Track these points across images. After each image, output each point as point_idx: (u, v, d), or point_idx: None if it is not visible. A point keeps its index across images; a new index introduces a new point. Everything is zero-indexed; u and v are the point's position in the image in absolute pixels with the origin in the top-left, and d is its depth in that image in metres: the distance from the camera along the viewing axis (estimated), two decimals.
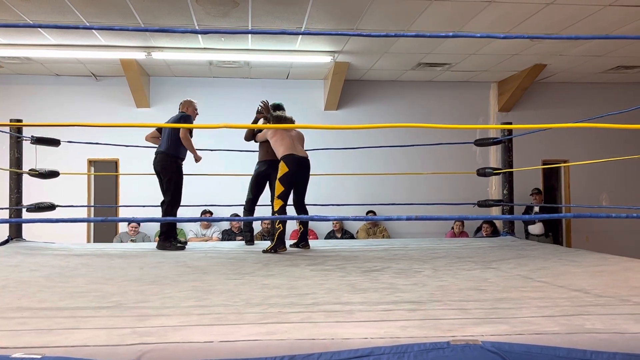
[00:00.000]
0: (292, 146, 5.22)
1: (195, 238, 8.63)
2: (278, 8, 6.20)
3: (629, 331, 2.01)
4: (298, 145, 5.30)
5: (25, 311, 2.46)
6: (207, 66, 8.63)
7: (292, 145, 5.23)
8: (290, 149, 5.20)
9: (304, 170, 5.29)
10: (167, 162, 5.43)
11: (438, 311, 2.39)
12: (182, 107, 5.75)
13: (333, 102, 9.34)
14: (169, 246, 5.30)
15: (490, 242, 5.84)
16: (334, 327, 2.09)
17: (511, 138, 6.22)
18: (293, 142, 5.27)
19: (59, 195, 7.34)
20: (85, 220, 2.98)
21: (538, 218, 2.72)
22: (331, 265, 4.05)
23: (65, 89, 9.07)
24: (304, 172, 5.30)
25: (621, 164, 9.23)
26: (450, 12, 6.31)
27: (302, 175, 5.30)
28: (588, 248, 5.67)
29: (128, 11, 6.22)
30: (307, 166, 5.31)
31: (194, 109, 5.78)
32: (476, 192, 8.98)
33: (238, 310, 2.43)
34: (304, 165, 5.27)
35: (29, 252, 4.98)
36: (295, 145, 5.25)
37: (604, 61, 8.47)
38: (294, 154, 5.18)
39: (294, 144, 5.26)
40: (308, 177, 5.38)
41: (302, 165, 5.24)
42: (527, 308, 2.42)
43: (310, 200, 5.95)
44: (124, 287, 3.10)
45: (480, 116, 9.83)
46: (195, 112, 5.79)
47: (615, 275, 3.41)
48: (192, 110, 5.75)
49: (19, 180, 5.85)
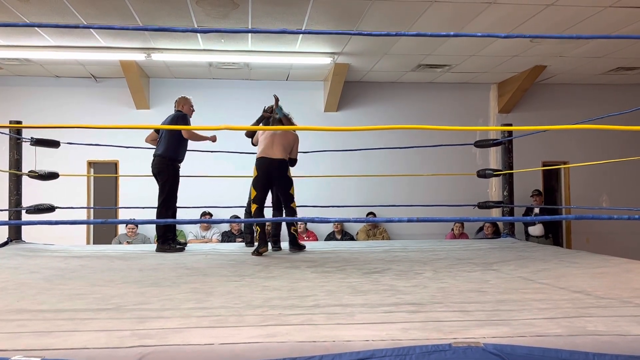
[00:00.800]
0: (267, 148, 5.15)
1: (194, 240, 8.62)
2: (278, 9, 6.19)
3: (632, 333, 2.00)
4: (275, 147, 5.17)
5: (25, 313, 2.45)
6: (206, 67, 8.63)
7: (269, 146, 5.16)
8: (263, 151, 5.16)
9: (272, 172, 5.16)
10: (164, 165, 5.39)
11: (439, 313, 2.39)
12: (178, 105, 5.68)
13: (333, 103, 9.33)
14: (168, 248, 5.28)
15: (490, 243, 5.84)
16: (334, 329, 2.08)
17: (511, 139, 6.21)
18: (272, 143, 5.18)
19: (59, 196, 7.33)
20: (84, 222, 2.97)
21: (539, 220, 2.71)
22: (332, 267, 4.04)
23: (65, 90, 9.06)
24: (272, 174, 5.18)
25: (621, 165, 9.23)
26: (451, 14, 6.31)
27: (271, 177, 5.20)
28: (588, 249, 5.66)
29: (128, 13, 6.22)
30: (276, 167, 5.15)
31: (190, 106, 5.69)
32: (476, 193, 8.97)
33: (238, 312, 2.42)
34: (271, 167, 5.14)
35: (29, 253, 4.97)
36: (272, 147, 5.16)
37: (604, 63, 8.47)
38: (263, 157, 5.14)
39: (272, 146, 5.16)
40: (281, 178, 5.22)
41: (269, 167, 5.14)
42: (529, 310, 2.41)
43: (310, 202, 5.96)
44: (123, 289, 3.09)
45: (480, 117, 9.82)
46: (191, 109, 5.71)
47: (617, 277, 3.41)
48: (188, 107, 5.67)
49: (18, 181, 5.84)
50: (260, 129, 5.31)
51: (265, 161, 5.14)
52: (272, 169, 5.15)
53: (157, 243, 5.57)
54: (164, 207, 5.35)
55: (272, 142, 5.18)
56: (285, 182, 5.24)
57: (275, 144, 5.18)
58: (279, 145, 5.19)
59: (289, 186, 5.28)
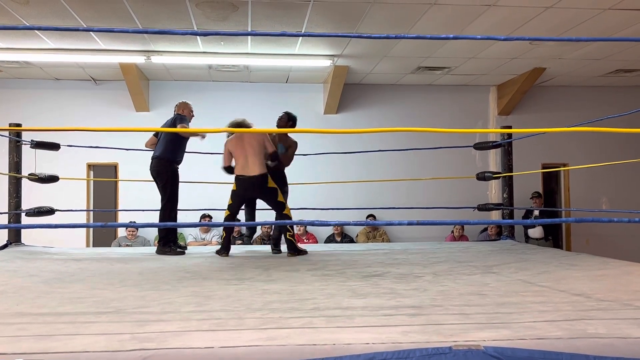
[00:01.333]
0: (244, 165, 5.11)
1: (194, 242, 8.61)
2: (277, 12, 6.20)
3: (632, 336, 2.00)
4: (250, 161, 5.09)
5: (25, 317, 2.45)
6: (206, 70, 8.63)
7: (245, 163, 5.10)
8: (241, 169, 5.12)
9: (252, 190, 5.16)
10: (163, 167, 5.38)
11: (439, 316, 2.39)
12: (178, 109, 5.68)
13: (332, 106, 9.34)
14: (168, 251, 5.27)
15: (490, 246, 5.83)
16: (335, 333, 2.08)
17: (510, 142, 6.21)
18: (246, 159, 5.10)
19: (59, 199, 7.33)
20: (84, 226, 2.97)
21: (539, 223, 2.71)
22: (331, 270, 4.04)
23: (65, 93, 9.06)
24: (252, 192, 5.21)
25: (620, 167, 9.22)
26: (450, 16, 6.32)
27: (251, 195, 5.26)
28: (588, 252, 5.66)
29: (127, 15, 6.23)
30: (256, 185, 5.10)
31: (190, 110, 5.70)
32: (476, 196, 8.96)
33: (238, 315, 2.42)
34: (251, 185, 5.11)
35: (28, 256, 4.96)
36: (247, 163, 5.09)
37: (603, 65, 8.48)
38: (241, 175, 5.11)
39: (247, 162, 5.10)
40: (262, 193, 5.19)
41: (248, 186, 5.12)
42: (529, 313, 2.41)
43: (310, 205, 5.95)
44: (123, 292, 3.09)
45: (479, 120, 9.83)
46: (191, 113, 5.71)
47: (617, 280, 3.40)
48: (188, 112, 5.67)
49: (18, 184, 5.84)
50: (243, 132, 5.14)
51: (243, 180, 5.11)
52: (251, 186, 5.12)
53: (157, 245, 5.55)
54: (167, 209, 5.35)
55: (246, 158, 5.11)
56: (268, 195, 5.17)
57: (250, 157, 5.10)
58: (254, 157, 5.10)
59: (275, 196, 5.15)
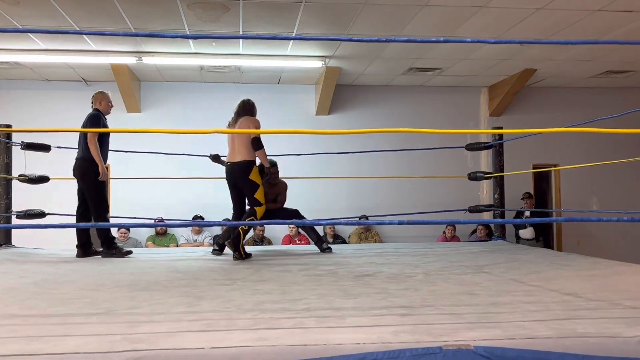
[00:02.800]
0: (231, 151, 5.09)
1: (186, 243, 8.60)
2: (269, 13, 6.20)
3: (621, 335, 2.02)
4: (238, 149, 5.00)
5: (15, 318, 2.44)
6: (198, 71, 8.62)
7: (232, 150, 5.08)
8: (228, 156, 5.16)
9: (234, 176, 5.08)
10: (85, 167, 5.11)
11: (430, 316, 2.39)
12: (95, 102, 5.30)
13: (324, 107, 9.34)
14: (115, 253, 5.08)
15: (481, 246, 5.86)
16: (326, 333, 2.08)
17: (502, 142, 6.24)
18: (233, 146, 5.05)
19: (51, 200, 7.29)
20: (74, 226, 2.96)
21: (530, 222, 2.73)
22: (323, 270, 4.04)
23: (56, 94, 9.02)
24: (234, 178, 5.11)
25: (611, 168, 9.28)
26: (441, 18, 6.34)
27: (233, 181, 5.14)
28: (579, 252, 5.69)
29: (119, 16, 6.21)
30: (238, 171, 5.00)
31: (108, 101, 5.33)
32: (467, 196, 9.00)
33: (230, 316, 2.42)
34: (233, 171, 5.06)
35: (18, 258, 4.94)
36: (234, 150, 5.04)
37: (593, 66, 8.53)
38: (228, 161, 5.15)
39: (233, 149, 5.06)
40: (242, 181, 5.02)
41: (231, 172, 5.10)
42: (519, 312, 2.42)
43: (301, 205, 5.94)
44: (114, 293, 3.08)
45: (471, 121, 9.86)
46: (109, 105, 5.36)
47: (607, 279, 3.43)
48: (106, 103, 5.32)
49: (8, 186, 5.82)
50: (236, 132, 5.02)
51: (228, 166, 5.14)
52: (234, 173, 5.08)
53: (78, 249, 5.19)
54: (99, 210, 5.13)
55: (233, 145, 5.07)
56: (247, 185, 5.01)
57: (236, 144, 5.02)
58: (240, 144, 5.00)
59: (253, 190, 5.00)
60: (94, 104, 5.31)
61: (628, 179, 9.91)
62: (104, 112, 5.32)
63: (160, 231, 8.69)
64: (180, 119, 9.07)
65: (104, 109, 5.32)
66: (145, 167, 8.34)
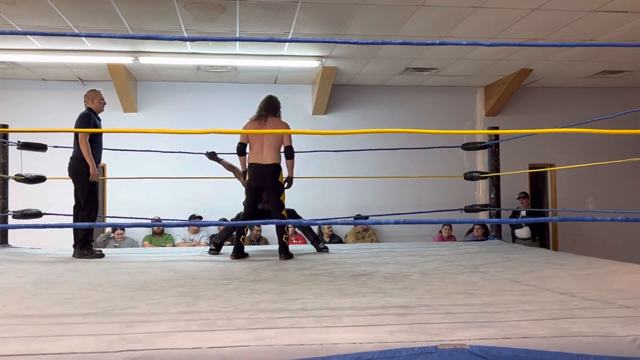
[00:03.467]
0: (257, 153, 4.93)
1: (183, 243, 8.60)
2: (266, 13, 6.21)
3: (615, 334, 2.03)
4: (266, 150, 4.93)
5: (12, 318, 2.44)
6: (194, 71, 8.62)
7: (259, 151, 4.93)
8: (255, 156, 4.95)
9: (263, 179, 4.96)
10: (77, 167, 5.08)
11: (426, 315, 2.41)
12: (87, 101, 5.24)
13: (321, 106, 9.36)
14: (87, 254, 5.01)
15: (477, 246, 5.87)
16: (322, 332, 2.09)
17: (498, 142, 6.25)
18: (262, 147, 4.93)
19: (47, 200, 7.29)
20: (70, 226, 2.96)
21: (525, 221, 2.74)
22: (320, 269, 4.05)
23: (52, 93, 9.01)
24: (263, 181, 4.98)
25: (606, 168, 9.31)
26: (437, 18, 6.35)
27: (262, 184, 5.01)
28: (574, 251, 5.72)
29: (115, 16, 6.20)
30: (269, 173, 4.93)
31: (100, 99, 5.25)
32: (463, 195, 9.02)
33: (226, 316, 2.42)
34: (262, 174, 4.94)
35: (15, 258, 4.93)
36: (262, 151, 4.93)
37: (589, 66, 8.56)
38: (254, 163, 4.94)
39: (261, 150, 4.93)
40: (273, 184, 4.97)
41: (260, 174, 4.95)
42: (515, 312, 2.43)
43: (298, 205, 5.95)
44: (111, 293, 3.09)
45: (467, 120, 9.89)
46: (101, 102, 5.27)
47: (601, 279, 3.44)
48: (98, 101, 5.24)
49: (4, 185, 5.81)
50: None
51: (255, 168, 4.94)
52: (263, 176, 4.94)
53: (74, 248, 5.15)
54: (86, 210, 5.07)
55: (261, 146, 4.94)
56: (275, 189, 4.99)
57: (266, 146, 4.93)
58: (269, 147, 4.94)
59: (281, 192, 5.03)
60: (86, 102, 5.27)
61: (623, 179, 9.95)
62: (96, 111, 5.26)
63: (157, 231, 8.69)
64: (177, 119, 9.07)
65: (97, 107, 5.26)
66: (142, 167, 8.34)
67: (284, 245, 4.95)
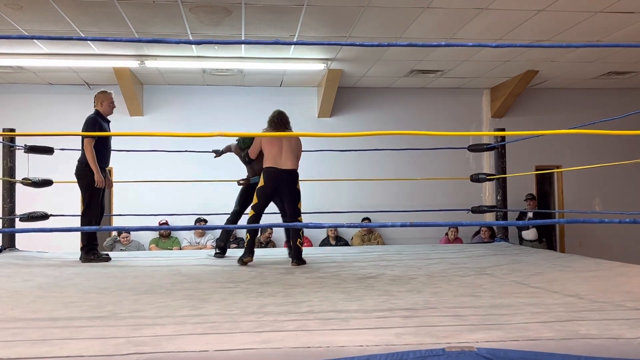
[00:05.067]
0: (276, 157, 4.78)
1: (189, 246, 8.61)
2: (271, 16, 6.21)
3: (624, 336, 2.02)
4: (285, 155, 4.79)
5: (19, 322, 2.45)
6: (200, 74, 8.64)
7: (277, 155, 4.78)
8: (272, 160, 4.79)
9: (282, 184, 4.80)
10: (82, 171, 5.06)
11: (433, 318, 2.40)
12: (96, 103, 5.19)
13: (327, 109, 9.35)
14: (93, 258, 4.97)
15: (484, 248, 5.86)
16: (329, 335, 2.09)
17: (504, 144, 6.24)
18: (281, 152, 4.79)
19: (54, 203, 7.31)
20: (77, 229, 2.96)
21: (531, 224, 2.74)
22: (326, 272, 4.05)
23: (58, 97, 9.04)
24: (281, 186, 4.81)
25: (613, 169, 9.28)
26: (443, 20, 6.34)
27: (279, 189, 4.84)
28: (581, 253, 5.69)
29: (121, 20, 6.23)
30: (287, 180, 4.79)
31: (110, 102, 5.20)
32: (470, 197, 9.00)
33: (233, 318, 2.42)
34: (281, 179, 4.78)
35: (23, 262, 4.95)
36: (280, 156, 4.78)
37: (596, 67, 8.53)
38: (273, 167, 4.77)
39: (280, 154, 4.78)
40: (291, 191, 4.83)
41: (278, 179, 4.77)
42: (522, 314, 2.42)
43: (304, 208, 5.94)
44: (118, 296, 3.09)
45: (473, 122, 9.86)
46: (110, 105, 5.22)
47: (609, 281, 3.43)
48: (107, 104, 5.18)
49: (11, 189, 5.83)
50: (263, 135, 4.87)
51: (274, 172, 4.76)
52: (282, 181, 4.78)
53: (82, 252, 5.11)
54: (87, 215, 5.04)
55: (280, 150, 4.78)
56: (294, 195, 4.84)
57: (285, 151, 4.79)
58: (289, 152, 4.80)
59: (297, 199, 4.87)
60: (95, 104, 5.23)
61: (631, 180, 9.90)
62: (105, 114, 5.23)
63: (164, 234, 8.71)
64: (183, 122, 9.09)
65: (105, 110, 5.22)
66: (149, 170, 8.36)
67: (298, 250, 4.77)
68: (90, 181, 5.02)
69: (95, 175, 4.98)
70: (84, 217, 5.08)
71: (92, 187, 5.04)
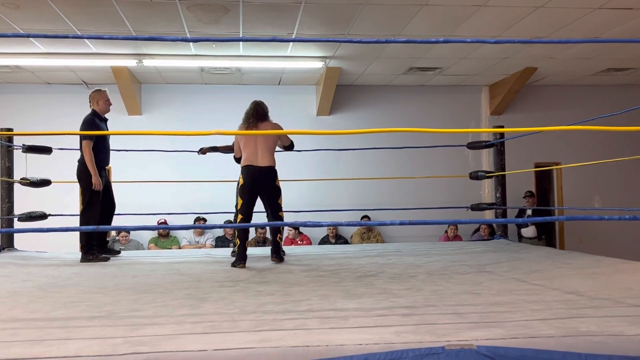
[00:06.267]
0: (252, 155, 4.73)
1: (188, 245, 8.60)
2: (269, 14, 6.20)
3: (624, 333, 2.01)
4: (260, 153, 4.73)
5: (17, 322, 2.44)
6: (198, 73, 8.62)
7: (253, 153, 4.73)
8: (248, 159, 4.74)
9: (260, 181, 4.75)
10: (81, 171, 5.04)
11: (433, 316, 2.39)
12: (92, 102, 5.13)
13: (325, 107, 9.34)
14: (92, 258, 4.93)
15: (483, 245, 5.85)
16: (328, 334, 2.08)
17: (503, 141, 6.23)
18: (255, 149, 4.74)
19: (52, 203, 7.29)
20: (76, 229, 2.95)
21: (531, 221, 2.73)
22: (325, 271, 4.04)
23: (56, 97, 9.03)
24: (259, 184, 4.76)
25: (612, 165, 9.28)
26: (441, 17, 6.33)
27: (258, 187, 4.77)
28: (581, 250, 5.68)
29: (119, 19, 6.21)
30: (266, 176, 4.75)
31: (105, 99, 5.14)
32: (469, 195, 8.99)
33: (232, 318, 2.42)
34: (258, 176, 4.73)
35: (21, 262, 4.94)
36: (256, 154, 4.73)
37: (594, 64, 8.52)
38: (249, 165, 4.72)
39: (256, 152, 4.73)
40: (269, 188, 4.80)
41: (257, 177, 4.72)
42: (522, 311, 2.42)
43: (303, 206, 5.94)
44: (116, 296, 3.08)
45: (472, 120, 9.86)
46: (106, 103, 5.17)
47: (609, 277, 3.42)
48: (103, 102, 5.13)
49: (10, 189, 5.82)
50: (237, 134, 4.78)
51: (251, 170, 4.73)
52: (259, 178, 4.74)
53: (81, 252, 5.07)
54: (86, 216, 4.99)
55: (255, 148, 4.75)
56: (273, 192, 4.84)
57: (260, 148, 4.75)
58: (263, 149, 4.76)
59: (278, 196, 4.86)
60: (91, 104, 5.18)
61: (630, 177, 9.90)
62: (101, 112, 5.18)
63: (163, 233, 8.70)
64: (181, 121, 9.08)
65: (102, 108, 5.17)
66: (147, 168, 8.36)
67: (277, 245, 4.81)
68: (90, 182, 5.01)
69: (93, 178, 4.95)
70: (82, 217, 5.06)
71: (91, 188, 5.02)
